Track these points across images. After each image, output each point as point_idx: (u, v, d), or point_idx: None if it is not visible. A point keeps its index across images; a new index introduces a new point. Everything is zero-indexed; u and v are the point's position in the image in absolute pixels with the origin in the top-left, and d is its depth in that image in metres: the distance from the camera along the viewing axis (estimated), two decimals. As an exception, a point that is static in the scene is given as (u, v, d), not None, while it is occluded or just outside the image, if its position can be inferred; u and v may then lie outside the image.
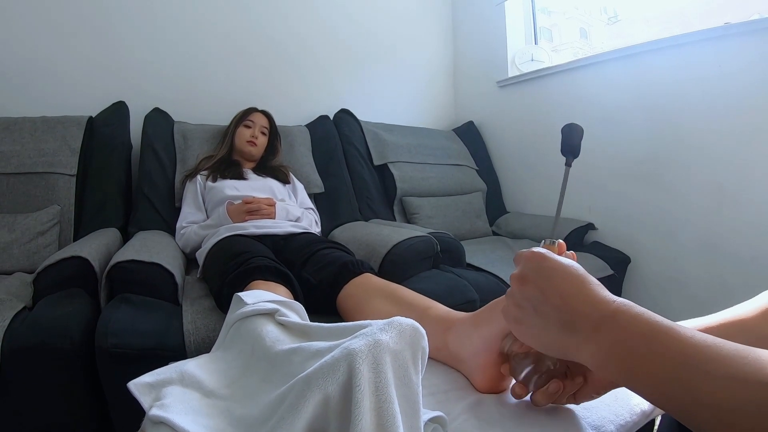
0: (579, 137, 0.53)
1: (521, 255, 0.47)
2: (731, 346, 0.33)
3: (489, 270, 1.57)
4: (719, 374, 0.32)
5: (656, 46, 1.80)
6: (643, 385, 0.36)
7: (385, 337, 0.45)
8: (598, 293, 0.41)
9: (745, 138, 1.55)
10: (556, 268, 0.43)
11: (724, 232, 1.63)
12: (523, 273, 0.46)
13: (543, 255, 0.45)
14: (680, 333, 0.35)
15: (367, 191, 2.08)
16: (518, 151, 2.46)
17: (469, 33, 2.79)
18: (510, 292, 0.48)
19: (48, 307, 1.00)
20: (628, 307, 0.39)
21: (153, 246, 1.25)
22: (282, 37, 2.26)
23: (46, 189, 1.51)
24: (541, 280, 0.44)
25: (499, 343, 0.57)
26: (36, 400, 0.91)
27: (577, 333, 0.41)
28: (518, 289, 0.46)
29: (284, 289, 0.94)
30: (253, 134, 1.72)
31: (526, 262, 0.46)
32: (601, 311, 0.39)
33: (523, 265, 0.46)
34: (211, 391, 0.59)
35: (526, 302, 0.45)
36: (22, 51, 1.71)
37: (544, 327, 0.43)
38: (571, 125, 0.52)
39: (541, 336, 0.44)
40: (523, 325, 0.46)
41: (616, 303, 0.40)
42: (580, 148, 0.53)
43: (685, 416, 0.34)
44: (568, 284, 0.42)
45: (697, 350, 0.34)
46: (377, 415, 0.42)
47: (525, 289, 0.45)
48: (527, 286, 0.45)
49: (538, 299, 0.43)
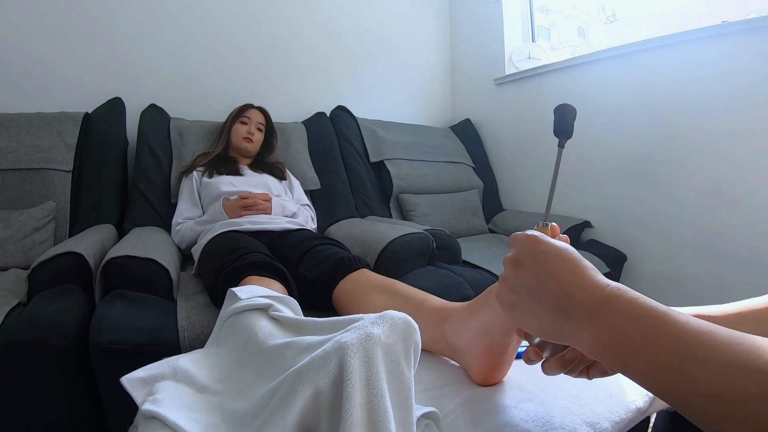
0: (572, 118, 0.51)
1: (515, 238, 0.46)
2: (726, 333, 0.32)
3: (485, 267, 1.57)
4: (716, 362, 0.31)
5: (654, 45, 1.80)
6: (639, 372, 0.35)
7: (376, 331, 0.45)
8: (592, 277, 0.40)
9: (742, 137, 1.56)
10: (550, 252, 0.42)
11: (720, 231, 1.64)
12: (517, 256, 0.45)
13: (537, 238, 0.44)
14: (675, 319, 0.34)
15: (363, 188, 2.08)
16: (515, 148, 2.46)
17: (466, 30, 2.78)
18: (504, 275, 0.47)
19: (43, 302, 1.00)
20: (623, 291, 0.38)
21: (148, 242, 1.25)
22: (279, 34, 2.26)
23: (41, 185, 1.50)
24: (535, 264, 0.43)
25: (495, 330, 0.56)
26: (30, 395, 0.91)
27: (573, 318, 0.40)
28: (512, 272, 0.45)
29: (279, 284, 0.94)
30: (250, 130, 1.72)
31: (521, 245, 0.45)
32: (596, 296, 0.39)
33: (518, 248, 0.45)
34: (203, 386, 0.59)
35: (521, 286, 0.44)
36: (17, 47, 1.70)
37: (539, 312, 0.42)
38: (563, 106, 0.51)
39: (535, 321, 0.43)
40: (518, 310, 0.45)
41: (610, 287, 0.39)
42: (573, 129, 0.51)
43: (681, 405, 0.33)
44: (563, 268, 0.41)
45: (693, 336, 0.33)
46: (368, 410, 0.41)
47: (519, 273, 0.44)
48: (521, 269, 0.44)
49: (533, 284, 0.42)
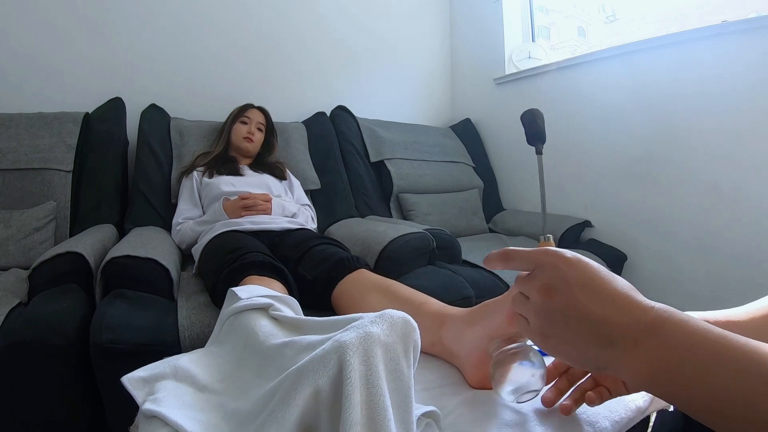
0: (542, 122, 0.51)
1: (535, 258, 0.41)
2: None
3: (485, 267, 1.57)
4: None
5: (653, 44, 1.80)
6: (696, 401, 0.32)
7: (376, 330, 0.45)
8: (634, 300, 0.36)
9: (742, 136, 1.56)
10: (585, 274, 0.38)
11: (719, 230, 1.64)
12: (547, 283, 0.40)
13: (567, 259, 0.39)
14: (734, 341, 0.31)
15: (363, 188, 2.08)
16: (515, 148, 2.46)
17: (466, 30, 2.78)
18: (530, 303, 0.41)
19: (43, 302, 1.00)
20: (670, 314, 0.34)
21: (148, 242, 1.25)
22: (279, 34, 2.26)
23: (42, 185, 1.50)
24: (569, 291, 0.38)
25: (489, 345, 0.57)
26: (31, 395, 0.91)
27: (615, 347, 0.36)
28: (544, 301, 0.40)
29: (279, 284, 0.94)
30: (250, 130, 1.72)
31: (550, 269, 0.40)
32: (641, 322, 0.35)
33: (546, 272, 0.40)
34: (204, 386, 0.59)
35: (557, 315, 0.39)
36: (18, 47, 1.70)
37: (576, 340, 0.38)
38: (530, 111, 0.50)
39: (573, 351, 0.39)
40: (553, 339, 0.40)
41: (655, 310, 0.35)
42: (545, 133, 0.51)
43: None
44: (601, 292, 0.37)
45: (757, 358, 0.29)
46: (368, 408, 0.41)
47: (553, 302, 0.39)
48: (555, 297, 0.39)
49: (570, 312, 0.38)
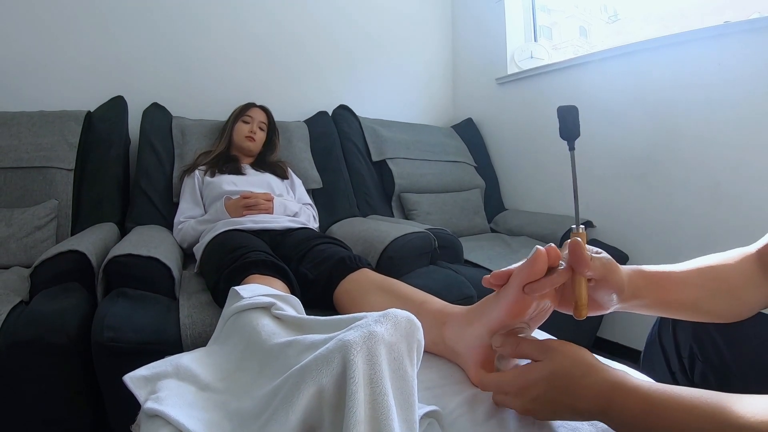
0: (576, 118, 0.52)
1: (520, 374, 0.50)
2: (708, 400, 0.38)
3: (486, 266, 1.57)
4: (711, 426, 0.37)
5: (655, 44, 1.79)
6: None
7: (380, 329, 0.45)
8: (595, 388, 0.45)
9: (743, 137, 1.55)
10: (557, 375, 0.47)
11: (720, 231, 1.63)
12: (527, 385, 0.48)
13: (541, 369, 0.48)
14: (676, 401, 0.40)
15: (365, 187, 2.08)
16: (517, 148, 2.46)
17: (468, 30, 2.78)
18: (517, 399, 0.50)
19: (45, 301, 1.00)
20: (621, 383, 0.44)
21: (150, 240, 1.25)
22: (281, 34, 2.25)
23: (43, 183, 1.50)
24: (548, 389, 0.47)
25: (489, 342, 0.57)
26: (32, 394, 0.91)
27: (588, 415, 0.46)
28: (524, 397, 0.49)
29: (281, 283, 0.94)
30: (252, 129, 1.72)
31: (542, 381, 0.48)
32: (602, 401, 0.44)
33: (534, 389, 0.48)
34: (206, 385, 0.59)
35: (534, 404, 0.48)
36: (20, 46, 1.70)
37: (555, 412, 0.48)
38: (565, 108, 0.51)
39: (551, 416, 0.49)
40: (533, 413, 0.50)
41: (611, 389, 0.44)
42: (579, 129, 0.52)
43: None
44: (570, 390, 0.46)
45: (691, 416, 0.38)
46: (371, 408, 0.41)
47: (535, 401, 0.48)
48: (537, 398, 0.48)
49: (548, 401, 0.47)
